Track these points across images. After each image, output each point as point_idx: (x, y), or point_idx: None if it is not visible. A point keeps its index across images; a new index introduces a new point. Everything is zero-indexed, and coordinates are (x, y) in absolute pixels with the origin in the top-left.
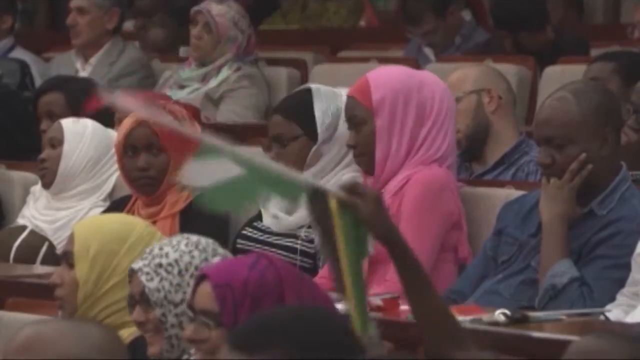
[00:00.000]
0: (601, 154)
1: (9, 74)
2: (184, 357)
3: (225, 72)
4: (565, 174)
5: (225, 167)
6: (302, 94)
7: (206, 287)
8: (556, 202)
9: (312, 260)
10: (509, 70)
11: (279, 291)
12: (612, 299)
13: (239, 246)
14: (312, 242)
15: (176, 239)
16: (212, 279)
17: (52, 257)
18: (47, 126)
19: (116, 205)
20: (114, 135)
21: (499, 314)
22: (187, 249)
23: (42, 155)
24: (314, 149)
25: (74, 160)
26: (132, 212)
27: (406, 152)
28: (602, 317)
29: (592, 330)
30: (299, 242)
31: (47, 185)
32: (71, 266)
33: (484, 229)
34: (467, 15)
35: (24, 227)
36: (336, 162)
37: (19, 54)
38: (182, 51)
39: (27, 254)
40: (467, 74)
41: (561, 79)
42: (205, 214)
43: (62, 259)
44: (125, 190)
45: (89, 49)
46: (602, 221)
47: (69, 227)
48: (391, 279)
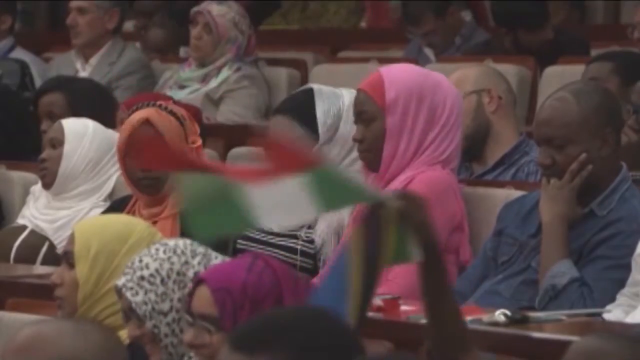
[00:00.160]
0: (601, 155)
1: (9, 74)
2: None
3: (225, 73)
4: (565, 174)
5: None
6: (303, 94)
7: (204, 292)
8: (556, 203)
9: (312, 260)
10: (509, 70)
11: (278, 293)
12: (612, 300)
13: (239, 246)
14: (312, 242)
15: (154, 247)
16: (210, 283)
17: (53, 257)
18: (47, 126)
19: (116, 205)
20: (114, 135)
21: (499, 315)
22: (165, 256)
23: (43, 155)
24: (314, 149)
25: (75, 160)
26: (132, 212)
27: (413, 153)
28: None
29: (592, 330)
30: (300, 242)
31: (47, 185)
32: (71, 266)
33: (484, 230)
34: (467, 15)
35: (24, 227)
36: (337, 163)
37: (19, 54)
38: (183, 51)
39: (28, 254)
40: (467, 74)
41: (561, 79)
42: None
43: (62, 259)
44: (125, 190)
45: (89, 49)
46: (602, 222)
47: (69, 227)
48: (393, 279)
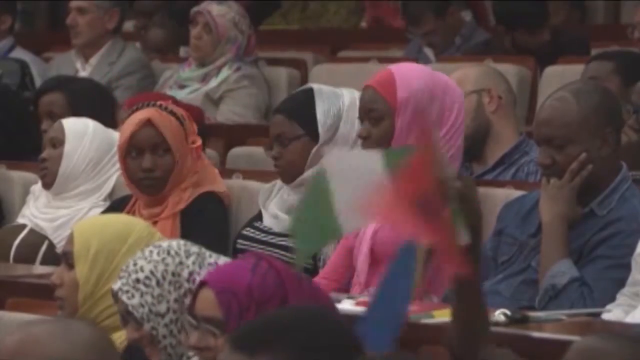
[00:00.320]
0: (601, 154)
1: (9, 74)
2: None
3: (225, 72)
4: (565, 174)
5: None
6: (303, 94)
7: (208, 294)
8: (556, 203)
9: (312, 260)
10: (509, 70)
11: (282, 294)
12: (612, 299)
13: (239, 246)
14: None
15: (148, 249)
16: (214, 286)
17: (52, 256)
18: (47, 126)
19: (116, 205)
20: (115, 135)
21: (499, 314)
22: (159, 258)
23: (43, 155)
24: (315, 149)
25: (75, 160)
26: (132, 212)
27: None
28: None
29: (592, 330)
30: None
31: (47, 185)
32: (71, 266)
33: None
34: (467, 15)
35: (23, 226)
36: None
37: (19, 54)
38: (183, 51)
39: (27, 253)
40: (467, 74)
41: (561, 79)
42: (205, 215)
43: (62, 259)
44: (125, 190)
45: (89, 49)
46: (602, 221)
47: (69, 226)
48: None
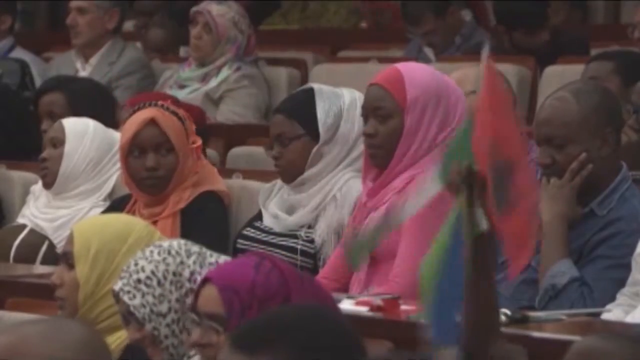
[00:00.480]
0: (601, 154)
1: (9, 74)
2: None
3: (225, 72)
4: (565, 174)
5: None
6: (304, 94)
7: (211, 291)
8: (556, 202)
9: (312, 260)
10: (509, 70)
11: (285, 293)
12: (612, 299)
13: (239, 246)
14: (312, 242)
15: (149, 249)
16: (217, 283)
17: (52, 256)
18: (47, 126)
19: (116, 204)
20: (115, 135)
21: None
22: (160, 258)
23: (44, 154)
24: (315, 149)
25: (76, 160)
26: (132, 212)
27: (423, 153)
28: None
29: (592, 330)
30: (300, 242)
31: (48, 185)
32: (71, 267)
33: None
34: (467, 15)
35: (23, 226)
36: (337, 163)
37: (19, 54)
38: (183, 51)
39: (27, 253)
40: (467, 74)
41: (561, 79)
42: (205, 214)
43: (62, 259)
44: (125, 190)
45: (89, 49)
46: (602, 221)
47: (69, 226)
48: (393, 279)
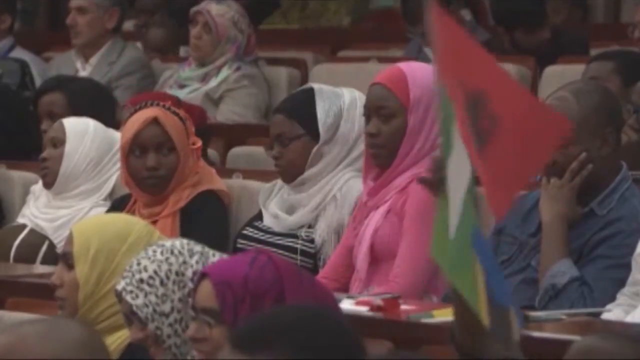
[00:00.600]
0: (601, 154)
1: (9, 74)
2: (188, 359)
3: (225, 72)
4: (565, 173)
5: None
6: (304, 94)
7: (206, 286)
8: (556, 202)
9: (312, 260)
10: (509, 70)
11: (279, 288)
12: (612, 299)
13: (239, 246)
14: (312, 242)
15: (151, 249)
16: (212, 277)
17: (53, 256)
18: (47, 126)
19: (117, 204)
20: (115, 135)
21: None
22: (163, 257)
23: (44, 154)
24: (315, 149)
25: (76, 160)
26: (132, 212)
27: (426, 153)
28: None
29: (592, 330)
30: (299, 242)
31: (48, 185)
32: (70, 267)
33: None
34: (467, 15)
35: (24, 226)
36: (337, 162)
37: (19, 53)
38: (183, 51)
39: (28, 253)
40: None
41: (561, 78)
42: (205, 213)
43: (61, 259)
44: (125, 190)
45: (89, 49)
46: (602, 221)
47: (69, 226)
48: (393, 279)
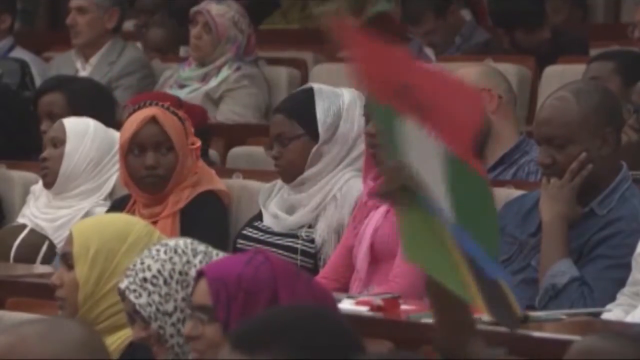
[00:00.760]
0: (601, 154)
1: (9, 74)
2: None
3: (225, 72)
4: (565, 173)
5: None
6: (303, 94)
7: (202, 284)
8: (556, 202)
9: (312, 260)
10: (509, 70)
11: (273, 287)
12: (612, 299)
13: (239, 246)
14: (312, 242)
15: (155, 248)
16: (208, 275)
17: (53, 256)
18: (47, 126)
19: (117, 204)
20: (115, 135)
21: None
22: (166, 257)
23: (44, 154)
24: (315, 148)
25: (76, 160)
26: (132, 212)
27: None
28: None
29: (592, 330)
30: (300, 242)
31: (49, 185)
32: (70, 267)
33: None
34: (467, 15)
35: (24, 226)
36: (337, 162)
37: (19, 53)
38: (183, 51)
39: (28, 253)
40: (467, 74)
41: (561, 79)
42: (205, 213)
43: (61, 260)
44: (125, 190)
45: (89, 49)
46: (603, 221)
47: (69, 226)
48: (393, 279)
